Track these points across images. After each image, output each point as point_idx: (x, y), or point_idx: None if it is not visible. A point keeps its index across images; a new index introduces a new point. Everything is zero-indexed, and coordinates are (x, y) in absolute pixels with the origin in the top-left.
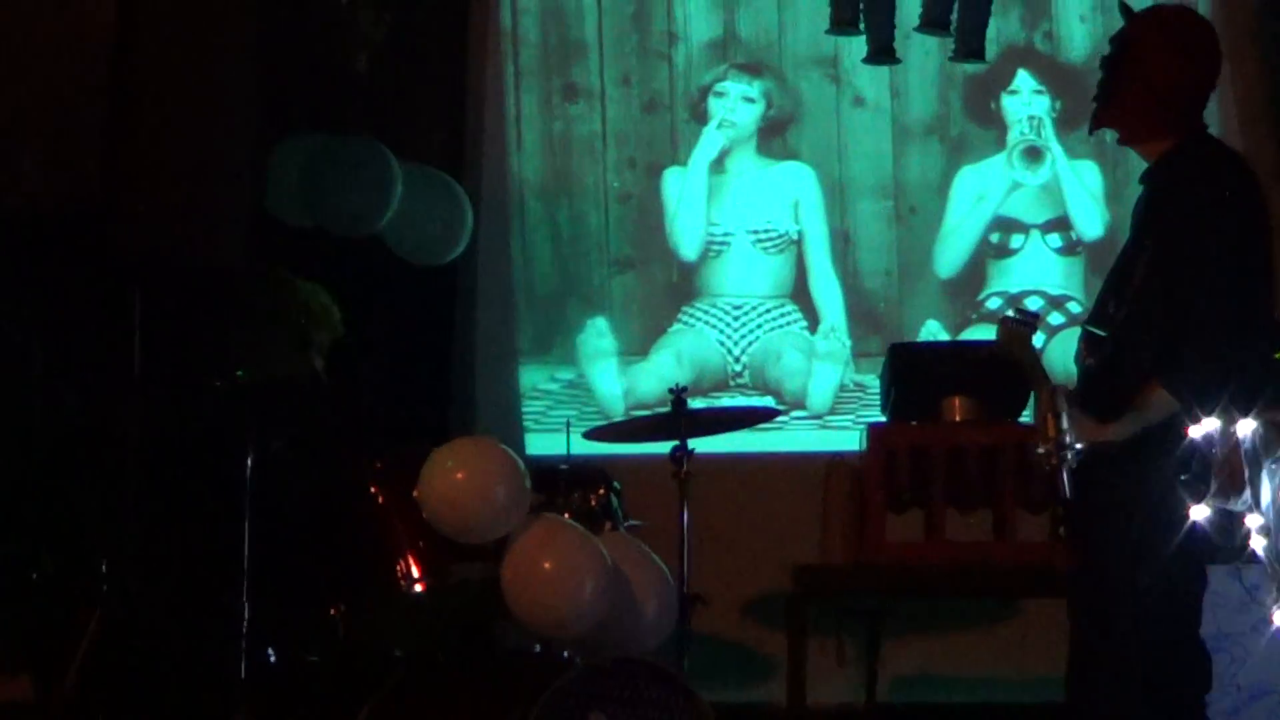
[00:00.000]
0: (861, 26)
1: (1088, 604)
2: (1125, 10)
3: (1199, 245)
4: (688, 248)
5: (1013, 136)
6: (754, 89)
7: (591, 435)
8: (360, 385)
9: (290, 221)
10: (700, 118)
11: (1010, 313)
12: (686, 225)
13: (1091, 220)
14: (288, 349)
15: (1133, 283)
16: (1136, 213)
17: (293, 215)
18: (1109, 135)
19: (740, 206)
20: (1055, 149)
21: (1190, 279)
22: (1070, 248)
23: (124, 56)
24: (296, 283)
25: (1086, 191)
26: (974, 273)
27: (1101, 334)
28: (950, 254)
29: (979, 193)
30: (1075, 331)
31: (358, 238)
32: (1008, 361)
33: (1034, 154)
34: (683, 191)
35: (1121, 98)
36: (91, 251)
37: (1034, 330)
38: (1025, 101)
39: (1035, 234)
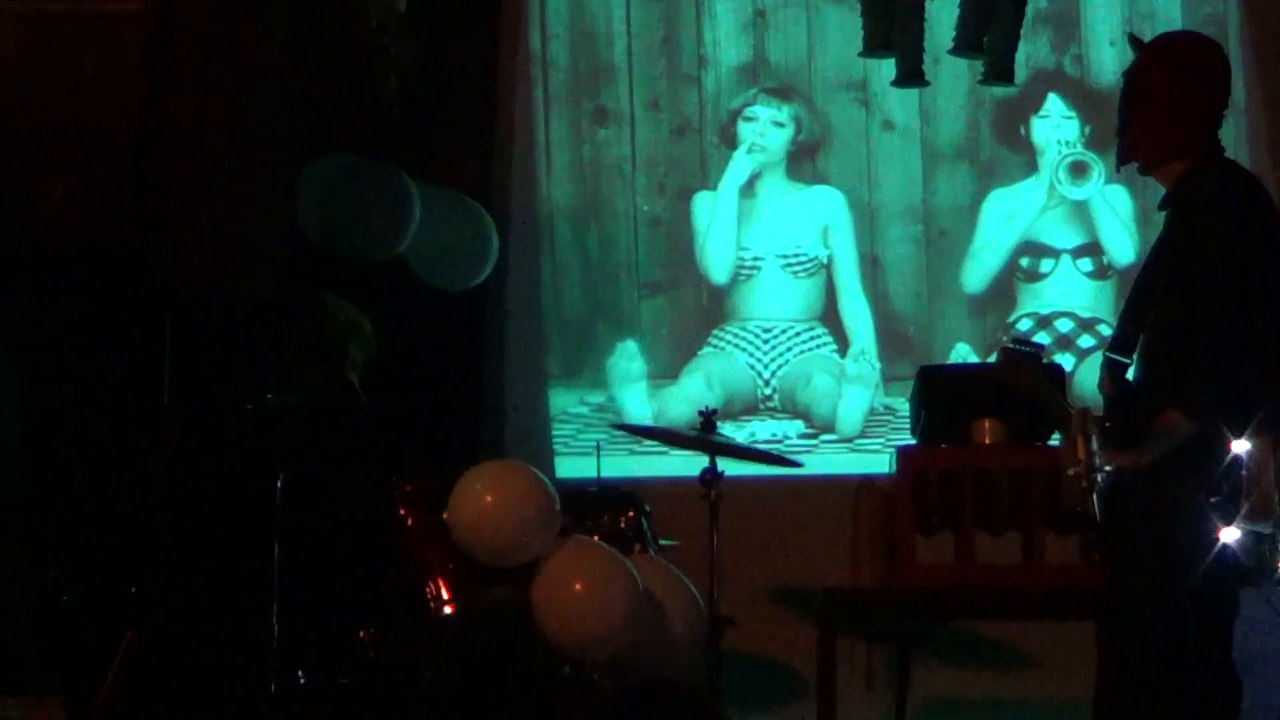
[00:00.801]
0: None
1: (1117, 628)
2: (1134, 42)
3: (1211, 266)
4: (718, 271)
5: (1051, 154)
6: (784, 113)
7: (620, 426)
8: (390, 408)
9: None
10: (730, 142)
11: (1009, 343)
12: (716, 249)
13: (1122, 246)
14: (321, 370)
15: (1151, 307)
16: (1158, 238)
17: (314, 238)
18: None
19: (770, 231)
20: (1100, 164)
21: (1204, 299)
22: (1101, 272)
23: (155, 84)
24: (328, 298)
25: (1117, 217)
26: (1004, 295)
27: (1125, 360)
28: (978, 270)
29: (1009, 214)
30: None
31: (383, 261)
32: (1013, 391)
33: (1081, 169)
34: (712, 216)
35: (1136, 127)
36: (124, 281)
37: (1037, 360)
38: (1055, 125)
39: (1066, 258)
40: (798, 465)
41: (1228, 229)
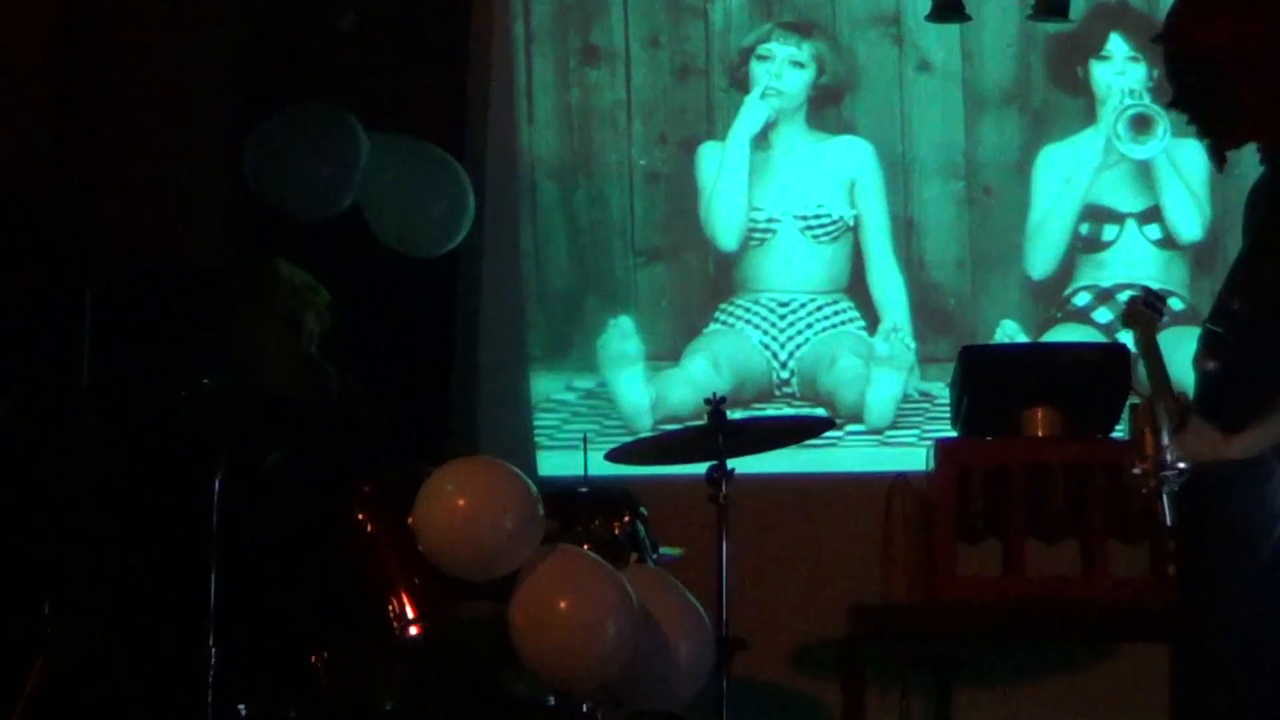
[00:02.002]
0: None
1: (1194, 650)
2: (1160, 39)
3: None
4: (726, 236)
5: (1112, 104)
6: (803, 52)
7: (615, 455)
8: (346, 395)
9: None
10: (741, 85)
11: (1137, 294)
12: (725, 210)
13: (1187, 217)
14: (269, 347)
15: (1260, 276)
16: (1258, 196)
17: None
18: None
19: (787, 188)
20: (1165, 119)
21: None
22: (1171, 240)
23: (75, 22)
24: (277, 262)
25: (1183, 182)
26: (1060, 266)
27: (1223, 332)
28: (1042, 251)
29: (1065, 174)
30: (1178, 332)
31: (338, 223)
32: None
33: (1143, 123)
34: (720, 170)
35: (1233, 107)
36: (37, 246)
37: (1160, 317)
38: (1119, 70)
39: (1131, 223)
40: (832, 424)
41: None
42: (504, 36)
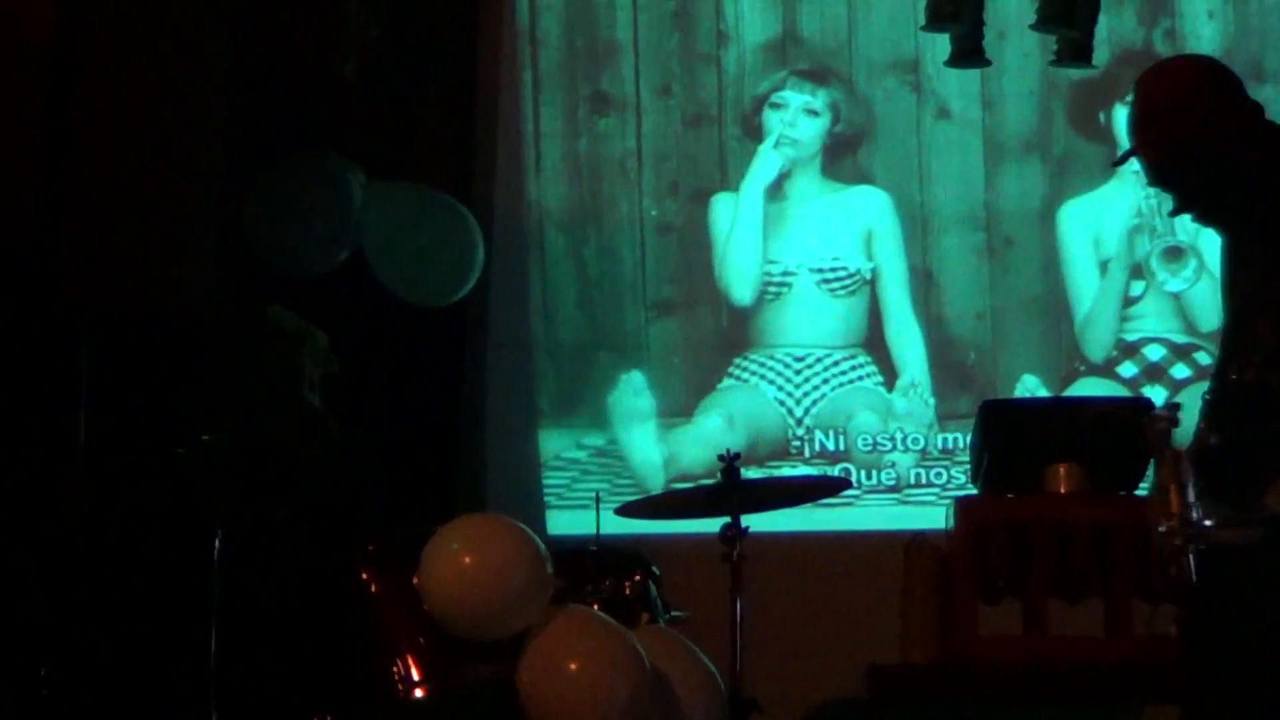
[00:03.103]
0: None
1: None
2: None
3: None
4: (740, 289)
5: (1139, 197)
6: (818, 99)
7: (625, 511)
8: (350, 451)
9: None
10: (754, 134)
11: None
12: (739, 262)
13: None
14: (269, 400)
15: (1255, 337)
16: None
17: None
18: None
19: (803, 240)
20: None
21: None
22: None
23: (65, 68)
24: (269, 310)
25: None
26: (1114, 351)
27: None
28: (1098, 338)
29: (1093, 236)
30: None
31: (342, 274)
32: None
33: (1176, 254)
34: (734, 221)
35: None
36: (30, 299)
37: (1175, 425)
38: None
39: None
40: (848, 484)
41: None
42: (511, 83)
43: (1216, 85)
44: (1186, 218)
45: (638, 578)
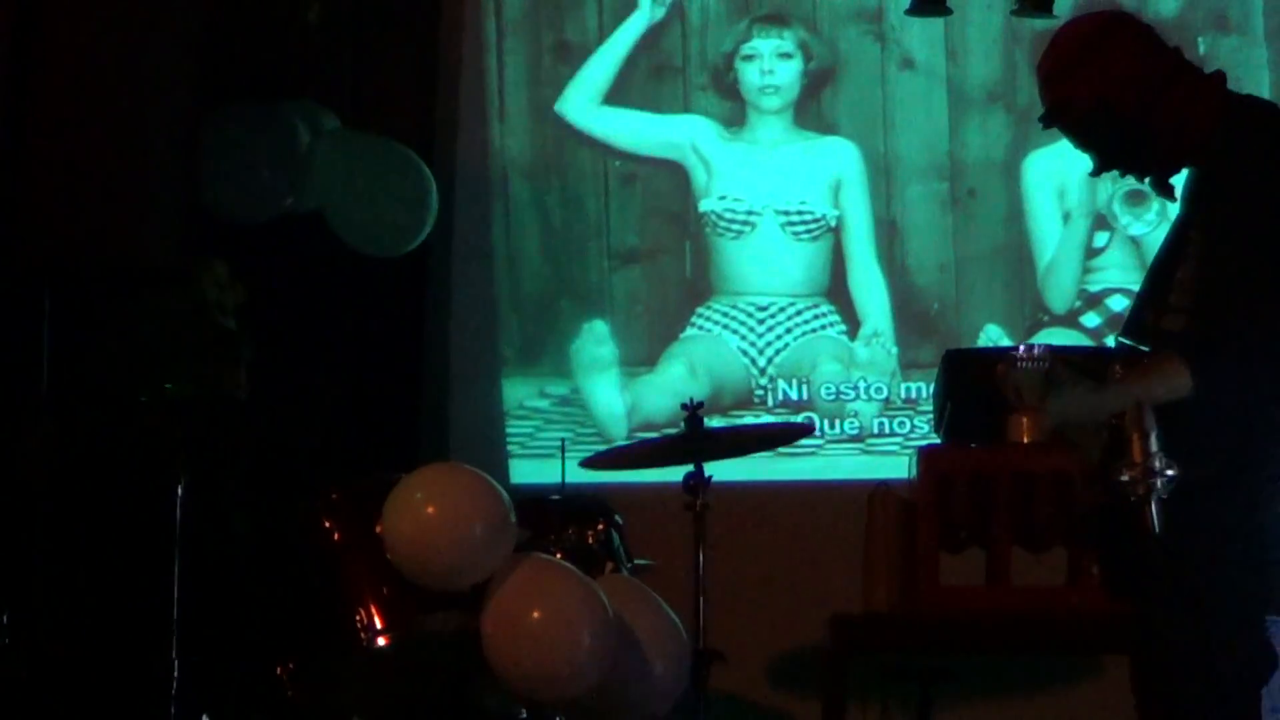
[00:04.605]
0: None
1: (1172, 659)
2: (1050, 118)
3: (1251, 228)
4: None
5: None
6: (786, 41)
7: (590, 463)
8: (313, 401)
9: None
10: (729, 92)
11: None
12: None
13: None
14: (216, 350)
15: (1176, 288)
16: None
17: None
18: None
19: (770, 182)
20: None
21: (1237, 290)
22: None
23: (27, 17)
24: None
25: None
26: (1076, 300)
27: (1140, 348)
28: (1060, 287)
29: (1058, 187)
30: None
31: (302, 224)
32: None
33: (1138, 197)
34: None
35: (1150, 136)
36: None
37: (1045, 367)
38: None
39: (1123, 230)
40: (811, 431)
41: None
42: (475, 32)
43: (1109, 37)
44: None
45: (601, 527)
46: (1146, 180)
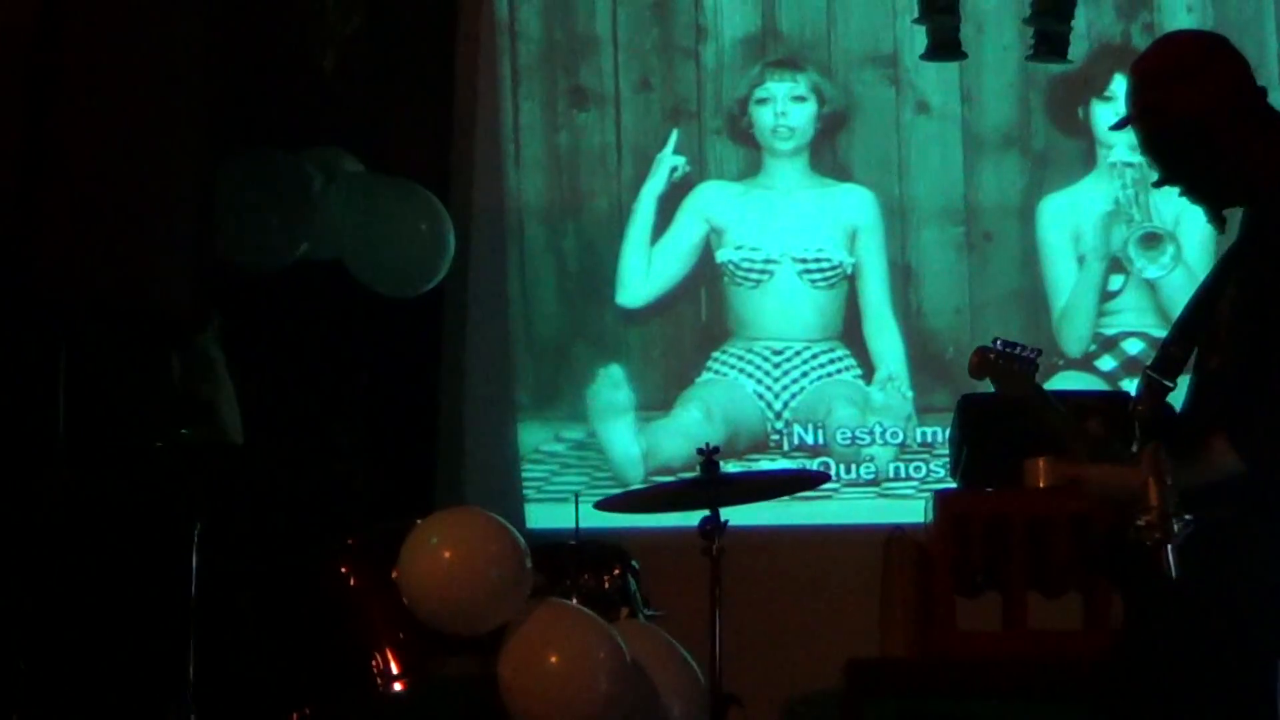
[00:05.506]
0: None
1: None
2: (1129, 121)
3: None
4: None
5: (1120, 152)
6: (800, 85)
7: (605, 505)
8: (329, 446)
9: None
10: (743, 137)
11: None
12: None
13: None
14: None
15: (1214, 327)
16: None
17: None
18: None
19: (788, 230)
20: (1179, 235)
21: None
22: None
23: (45, 61)
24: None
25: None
26: (1091, 346)
27: (1168, 384)
28: (1075, 331)
29: (1072, 230)
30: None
31: (320, 271)
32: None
33: (1153, 240)
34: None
35: (1220, 164)
36: (7, 292)
37: (1033, 368)
38: (1121, 110)
39: (1138, 272)
40: (827, 478)
41: None
42: (490, 77)
43: (1215, 60)
44: (1164, 207)
45: (617, 572)
46: (1202, 204)
